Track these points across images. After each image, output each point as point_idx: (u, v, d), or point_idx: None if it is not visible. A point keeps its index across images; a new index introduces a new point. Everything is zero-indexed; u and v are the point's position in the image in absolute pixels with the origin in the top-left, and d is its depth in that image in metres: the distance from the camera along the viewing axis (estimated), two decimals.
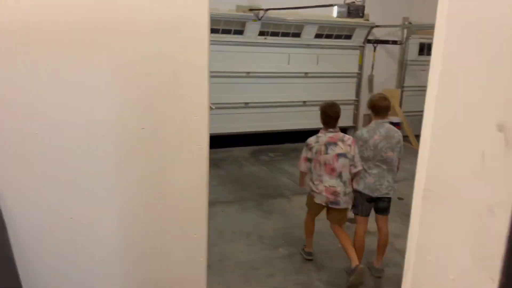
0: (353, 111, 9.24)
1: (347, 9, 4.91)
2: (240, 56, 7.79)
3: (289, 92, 8.40)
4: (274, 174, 6.86)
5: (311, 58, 8.44)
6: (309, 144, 3.74)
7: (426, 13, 9.16)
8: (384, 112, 3.71)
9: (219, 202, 5.57)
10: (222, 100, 7.76)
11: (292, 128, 8.55)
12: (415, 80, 9.67)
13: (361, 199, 3.82)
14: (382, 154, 3.66)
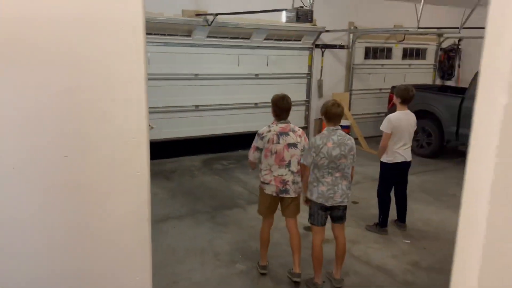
0: (305, 112, 9.24)
1: (295, 14, 4.82)
2: (188, 57, 7.53)
3: (240, 94, 8.25)
4: (228, 183, 6.64)
5: (261, 60, 8.34)
6: (261, 134, 3.76)
7: (370, 18, 9.43)
8: (337, 119, 3.66)
9: (170, 218, 5.26)
10: (170, 103, 7.45)
11: (244, 130, 8.39)
12: (362, 84, 9.88)
13: (315, 208, 3.73)
14: (336, 161, 3.59)
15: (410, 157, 4.89)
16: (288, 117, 3.83)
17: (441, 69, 11.10)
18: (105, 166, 1.62)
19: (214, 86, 7.95)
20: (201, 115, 7.96)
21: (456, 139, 7.84)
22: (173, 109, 7.56)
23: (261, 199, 3.96)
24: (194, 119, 7.91)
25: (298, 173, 3.81)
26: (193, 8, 7.38)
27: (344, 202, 3.72)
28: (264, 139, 3.74)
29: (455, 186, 6.74)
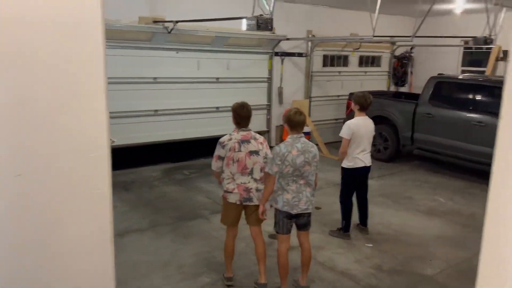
0: (266, 115, 9.25)
1: (256, 22, 4.83)
2: (146, 61, 7.34)
3: (200, 98, 8.12)
4: (190, 193, 6.51)
5: (222, 64, 8.28)
6: (222, 142, 3.73)
7: (327, 27, 9.65)
8: (299, 127, 3.67)
9: (130, 231, 5.06)
10: (129, 108, 7.18)
11: (206, 135, 8.26)
12: (321, 91, 10.06)
13: (280, 216, 3.72)
14: (300, 168, 3.60)
15: (370, 162, 5.00)
16: (249, 124, 3.82)
17: (395, 76, 11.52)
18: (63, 185, 1.49)
19: (174, 90, 7.77)
20: (160, 120, 7.73)
21: (411, 143, 8.14)
22: (131, 114, 7.29)
23: (225, 209, 3.89)
24: (153, 124, 7.66)
25: (261, 180, 3.79)
26: (150, 14, 7.23)
27: (308, 209, 3.73)
28: (225, 148, 3.70)
29: (411, 189, 6.98)
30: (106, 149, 1.53)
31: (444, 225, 5.54)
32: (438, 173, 7.93)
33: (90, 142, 1.51)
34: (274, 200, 3.74)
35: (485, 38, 7.78)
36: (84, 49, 1.44)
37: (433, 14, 8.50)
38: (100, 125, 1.50)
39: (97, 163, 1.52)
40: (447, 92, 7.93)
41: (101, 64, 1.46)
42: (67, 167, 1.49)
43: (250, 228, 3.94)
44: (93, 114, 1.49)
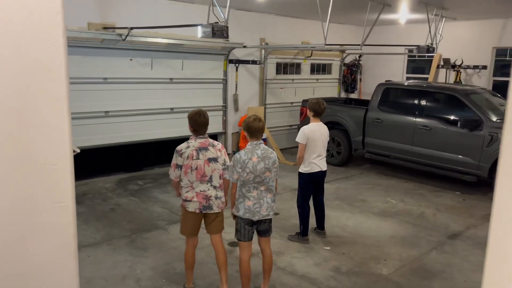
0: (222, 117, 9.21)
1: (211, 29, 4.82)
2: (96, 60, 7.07)
3: (154, 99, 7.95)
4: (146, 204, 6.34)
5: (176, 64, 8.16)
6: (180, 151, 3.65)
7: (279, 35, 9.83)
8: (259, 134, 3.70)
9: (83, 246, 4.83)
10: (78, 109, 6.84)
11: (160, 137, 8.11)
12: (274, 98, 10.20)
13: (242, 223, 3.71)
14: (261, 175, 3.62)
15: (326, 167, 5.13)
16: (206, 132, 3.78)
17: (345, 83, 11.92)
18: (23, 199, 1.37)
19: (126, 91, 7.53)
20: (111, 121, 7.46)
21: (363, 148, 8.44)
22: (80, 116, 6.96)
23: (184, 218, 3.82)
24: (104, 126, 7.38)
25: (221, 187, 3.78)
26: (100, 20, 7.01)
27: (269, 215, 3.76)
28: (183, 156, 3.63)
29: (365, 192, 7.22)
30: (68, 159, 1.44)
31: (396, 226, 5.77)
32: (389, 175, 8.27)
33: (51, 153, 1.41)
34: (236, 208, 3.73)
35: (428, 47, 8.26)
36: (44, 53, 1.35)
37: (379, 23, 8.91)
38: (62, 134, 1.40)
39: (59, 174, 1.43)
40: (394, 98, 8.31)
41: (63, 69, 1.38)
42: (27, 180, 1.38)
43: (211, 236, 3.89)
44: (53, 123, 1.40)
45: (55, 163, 1.41)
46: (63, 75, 1.40)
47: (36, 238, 1.45)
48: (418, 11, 8.58)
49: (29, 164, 1.37)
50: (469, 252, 5.00)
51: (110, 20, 7.11)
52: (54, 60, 1.37)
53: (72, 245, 1.51)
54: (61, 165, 1.42)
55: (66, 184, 1.44)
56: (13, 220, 1.40)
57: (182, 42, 7.59)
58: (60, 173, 1.42)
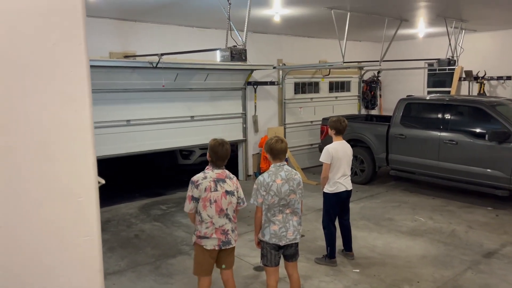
0: (242, 124, 9.22)
1: (230, 53, 4.85)
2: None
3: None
4: (170, 229, 6.31)
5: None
6: (196, 181, 3.45)
7: (296, 55, 9.86)
8: (282, 155, 3.64)
9: (108, 274, 4.81)
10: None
11: (179, 145, 8.23)
12: (294, 117, 10.17)
13: (268, 248, 3.61)
14: (286, 197, 3.54)
15: (351, 186, 5.01)
16: (225, 164, 3.60)
17: (364, 100, 11.81)
18: (47, 235, 1.35)
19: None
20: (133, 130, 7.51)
21: (387, 165, 8.26)
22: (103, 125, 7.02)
23: (199, 258, 3.53)
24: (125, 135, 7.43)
25: (235, 220, 3.61)
26: (120, 50, 7.19)
27: (296, 238, 3.66)
28: (200, 187, 3.41)
29: (391, 210, 7.02)
30: (93, 191, 1.42)
31: (427, 245, 5.55)
32: (415, 192, 8.04)
33: (76, 185, 1.39)
34: (261, 233, 3.64)
35: (448, 60, 8.13)
36: (67, 84, 1.35)
37: (397, 38, 8.84)
38: (86, 166, 1.39)
39: (85, 207, 1.41)
40: (417, 112, 8.16)
41: (86, 99, 1.38)
42: (52, 215, 1.36)
43: (222, 272, 3.68)
44: (78, 155, 1.38)
45: (80, 196, 1.39)
46: (87, 106, 1.39)
47: (62, 274, 1.41)
48: (436, 25, 8.50)
49: (55, 197, 1.35)
50: (507, 271, 4.75)
51: (131, 48, 7.28)
52: (77, 91, 1.37)
53: (98, 280, 1.46)
54: (87, 198, 1.40)
55: (92, 217, 1.41)
56: (39, 255, 1.37)
57: (208, 66, 7.60)
58: (85, 205, 1.40)
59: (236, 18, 5.62)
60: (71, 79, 1.35)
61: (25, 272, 1.37)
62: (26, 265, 1.37)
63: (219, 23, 7.18)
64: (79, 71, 1.35)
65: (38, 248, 1.37)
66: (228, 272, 3.67)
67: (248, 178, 9.30)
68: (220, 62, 5.22)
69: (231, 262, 3.68)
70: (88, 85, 1.38)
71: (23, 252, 1.36)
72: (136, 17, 7.13)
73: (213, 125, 8.53)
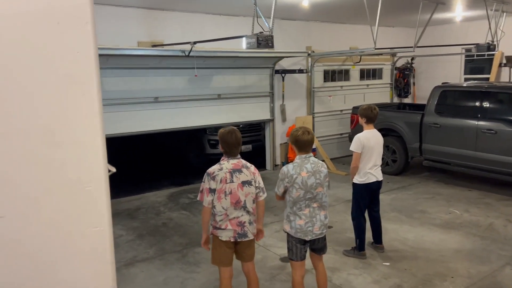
0: (269, 104, 9.06)
1: (256, 40, 4.74)
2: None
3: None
4: (197, 217, 6.32)
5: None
6: (212, 173, 3.32)
7: (326, 42, 9.61)
8: (308, 147, 3.50)
9: (137, 261, 4.87)
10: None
11: (207, 123, 8.18)
12: (323, 106, 9.96)
13: (294, 242, 3.51)
14: (312, 191, 3.42)
15: (381, 176, 4.84)
16: (239, 152, 3.46)
17: (397, 87, 11.42)
18: (54, 226, 1.30)
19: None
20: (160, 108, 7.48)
21: (420, 155, 7.96)
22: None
23: (217, 248, 3.46)
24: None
25: (254, 212, 3.49)
26: (148, 39, 7.20)
27: (323, 233, 3.55)
28: (216, 179, 3.29)
29: (424, 202, 6.76)
30: (103, 181, 1.35)
31: (462, 238, 5.31)
32: (450, 184, 7.72)
33: (84, 173, 1.32)
34: (287, 225, 3.54)
35: (488, 45, 7.69)
36: (74, 65, 1.28)
37: (432, 23, 8.44)
38: (95, 153, 1.31)
39: (94, 197, 1.33)
40: (453, 100, 7.79)
41: (94, 82, 1.31)
42: (59, 205, 1.31)
43: (242, 264, 3.59)
44: (86, 141, 1.31)
45: (89, 184, 1.32)
46: (95, 89, 1.32)
47: (69, 266, 1.35)
48: (475, 8, 8.05)
49: (62, 186, 1.30)
50: None
51: (158, 38, 7.28)
52: (85, 73, 1.29)
53: (109, 274, 1.38)
54: (96, 186, 1.33)
55: (102, 206, 1.34)
56: (45, 246, 1.32)
57: (236, 54, 7.48)
58: (94, 194, 1.33)
59: (263, 5, 5.49)
60: (78, 60, 1.28)
61: (31, 264, 1.32)
62: (31, 256, 1.32)
63: (246, 10, 7.04)
64: (86, 52, 1.27)
65: (44, 239, 1.32)
66: (249, 264, 3.58)
67: (275, 168, 9.21)
68: (247, 50, 5.11)
69: (251, 255, 3.57)
70: (96, 66, 1.30)
71: (28, 243, 1.31)
72: (163, 5, 7.11)
73: (240, 104, 8.45)
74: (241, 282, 4.08)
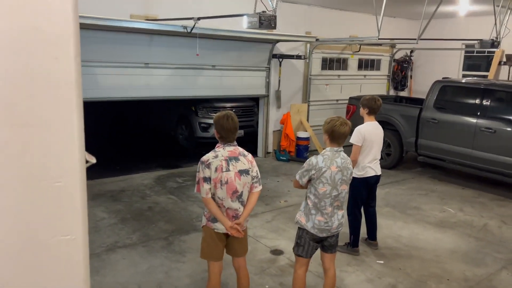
0: (265, 79, 8.75)
1: (258, 19, 4.43)
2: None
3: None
4: (185, 203, 6.07)
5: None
6: (206, 161, 3.04)
7: (326, 28, 9.30)
8: (342, 139, 3.23)
9: (119, 247, 4.61)
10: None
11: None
12: (319, 94, 9.70)
13: (307, 237, 3.27)
14: (338, 187, 3.18)
15: (380, 171, 4.65)
16: (235, 138, 3.19)
17: (394, 80, 11.22)
18: (15, 232, 0.97)
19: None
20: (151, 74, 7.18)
21: (415, 150, 7.80)
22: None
23: (208, 240, 3.19)
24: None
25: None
26: (143, 13, 6.82)
27: (338, 231, 3.33)
28: (211, 167, 3.02)
29: (418, 198, 6.62)
30: (78, 174, 1.02)
31: (457, 238, 5.17)
32: (443, 181, 7.60)
33: (53, 164, 0.99)
34: (304, 218, 3.26)
35: (492, 41, 7.49)
36: (44, 18, 0.92)
37: (434, 16, 8.19)
38: (68, 138, 0.98)
39: (65, 195, 1.01)
40: (452, 96, 7.61)
41: (71, 44, 0.94)
42: (20, 205, 0.98)
43: (234, 259, 3.34)
44: (57, 122, 0.98)
45: (58, 179, 0.98)
46: (72, 53, 0.99)
47: (34, 284, 1.06)
48: (480, 2, 7.82)
49: (21, 180, 0.96)
50: None
51: (153, 12, 6.89)
52: (59, 30, 0.97)
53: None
54: (68, 182, 0.99)
55: (75, 208, 1.02)
56: (2, 259, 1.02)
57: (240, 33, 7.07)
58: (65, 192, 1.00)
59: None
60: (50, 12, 0.96)
61: None
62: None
63: None
64: (62, 3, 0.97)
65: (7, 248, 1.01)
66: (240, 260, 3.33)
67: (267, 155, 8.98)
68: (247, 29, 4.80)
69: (243, 250, 3.33)
70: (75, 22, 0.98)
71: None
72: None
73: (234, 76, 8.14)
74: (229, 276, 3.86)
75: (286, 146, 8.87)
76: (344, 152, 3.29)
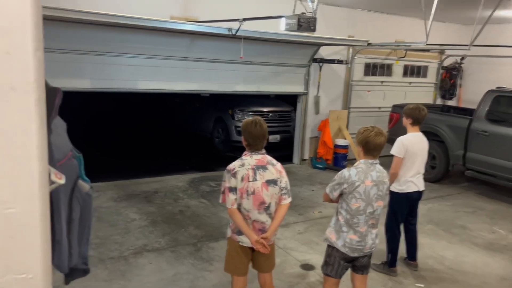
0: (305, 76, 8.46)
1: (297, 21, 4.24)
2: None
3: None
4: (216, 208, 5.95)
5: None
6: (232, 169, 2.88)
7: (370, 33, 8.93)
8: (378, 151, 2.99)
9: (147, 250, 4.55)
10: None
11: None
12: (360, 101, 9.34)
13: (337, 258, 3.04)
14: (373, 204, 2.94)
15: (423, 186, 4.31)
16: (263, 146, 3.00)
17: (442, 88, 10.63)
18: None
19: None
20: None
21: (463, 164, 7.29)
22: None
23: (233, 254, 3.05)
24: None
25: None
26: (182, 14, 6.80)
27: (371, 250, 3.08)
28: (237, 176, 2.86)
29: (464, 216, 6.15)
30: (38, 198, 0.81)
31: (508, 264, 4.72)
32: (494, 198, 7.04)
33: (5, 186, 0.77)
34: (334, 234, 3.04)
35: None
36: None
37: (491, 22, 7.64)
38: (24, 150, 0.77)
39: (19, 225, 0.79)
40: (507, 107, 7.05)
41: (29, 32, 0.80)
42: None
43: (260, 275, 3.16)
44: (8, 129, 0.78)
45: (10, 205, 0.77)
46: (29, 41, 0.78)
47: None
48: None
49: None
50: None
51: (192, 14, 6.86)
52: (13, 18, 0.77)
53: None
54: (23, 208, 0.78)
55: (32, 241, 0.80)
56: None
57: (281, 36, 6.88)
58: (20, 221, 0.78)
59: None
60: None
61: None
62: None
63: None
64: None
65: None
66: (266, 275, 3.14)
67: (302, 162, 8.73)
68: (285, 32, 4.62)
69: (270, 265, 3.13)
70: (34, 11, 0.80)
71: None
72: None
73: (273, 72, 7.94)
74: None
75: (323, 154, 8.57)
76: (383, 164, 3.02)
